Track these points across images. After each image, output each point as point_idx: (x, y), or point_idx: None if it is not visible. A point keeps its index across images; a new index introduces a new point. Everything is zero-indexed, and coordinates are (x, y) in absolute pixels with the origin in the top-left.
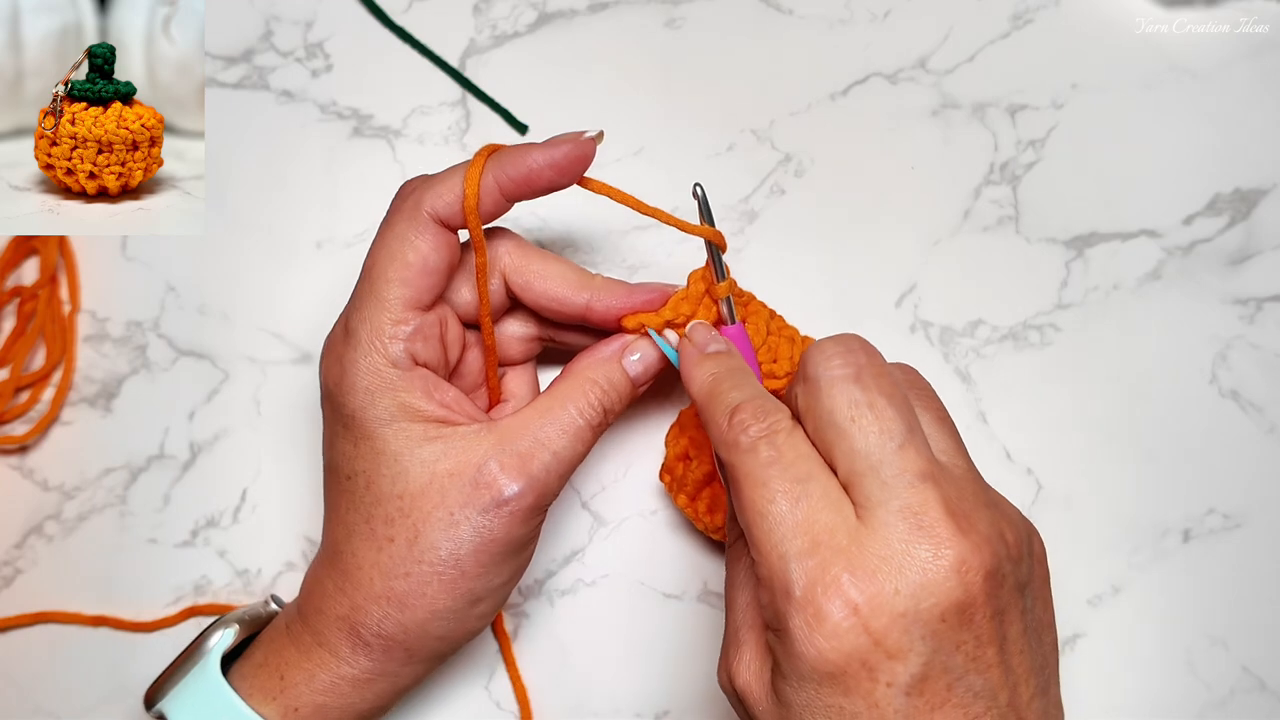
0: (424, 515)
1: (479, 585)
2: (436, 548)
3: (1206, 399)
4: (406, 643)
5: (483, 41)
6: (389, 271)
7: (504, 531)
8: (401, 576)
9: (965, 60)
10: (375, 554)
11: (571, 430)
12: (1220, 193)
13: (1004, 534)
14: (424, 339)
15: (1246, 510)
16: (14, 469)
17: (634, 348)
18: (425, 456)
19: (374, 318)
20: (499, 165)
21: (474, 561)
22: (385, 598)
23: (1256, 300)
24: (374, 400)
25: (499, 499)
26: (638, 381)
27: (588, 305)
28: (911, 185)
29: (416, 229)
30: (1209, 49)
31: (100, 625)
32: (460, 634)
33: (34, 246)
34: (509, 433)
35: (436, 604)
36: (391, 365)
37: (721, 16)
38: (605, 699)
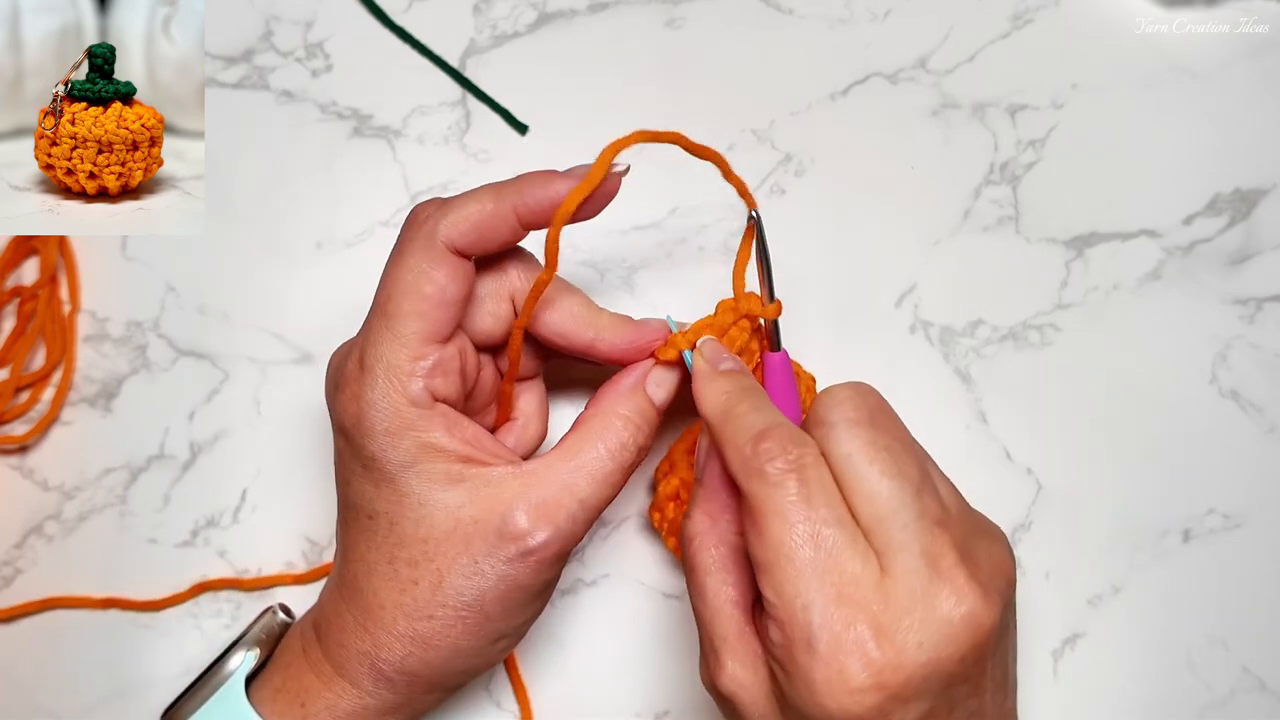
0: (448, 561)
1: (503, 626)
2: (461, 594)
3: (1207, 399)
4: (430, 677)
5: (483, 41)
6: (404, 305)
7: (529, 579)
8: (425, 619)
9: (965, 60)
10: (399, 595)
11: (600, 476)
12: (1220, 193)
13: (1004, 571)
14: (444, 374)
15: (1246, 510)
16: (14, 469)
17: (656, 376)
18: (450, 502)
19: (391, 355)
20: (519, 192)
21: (499, 607)
22: (409, 638)
23: (1256, 300)
24: (395, 443)
25: (524, 550)
26: (662, 408)
27: (592, 343)
28: (911, 185)
29: (431, 260)
30: (1209, 49)
31: (109, 608)
32: (482, 666)
33: (34, 246)
34: (535, 479)
35: (460, 644)
36: (411, 404)
37: (722, 16)
38: (605, 699)
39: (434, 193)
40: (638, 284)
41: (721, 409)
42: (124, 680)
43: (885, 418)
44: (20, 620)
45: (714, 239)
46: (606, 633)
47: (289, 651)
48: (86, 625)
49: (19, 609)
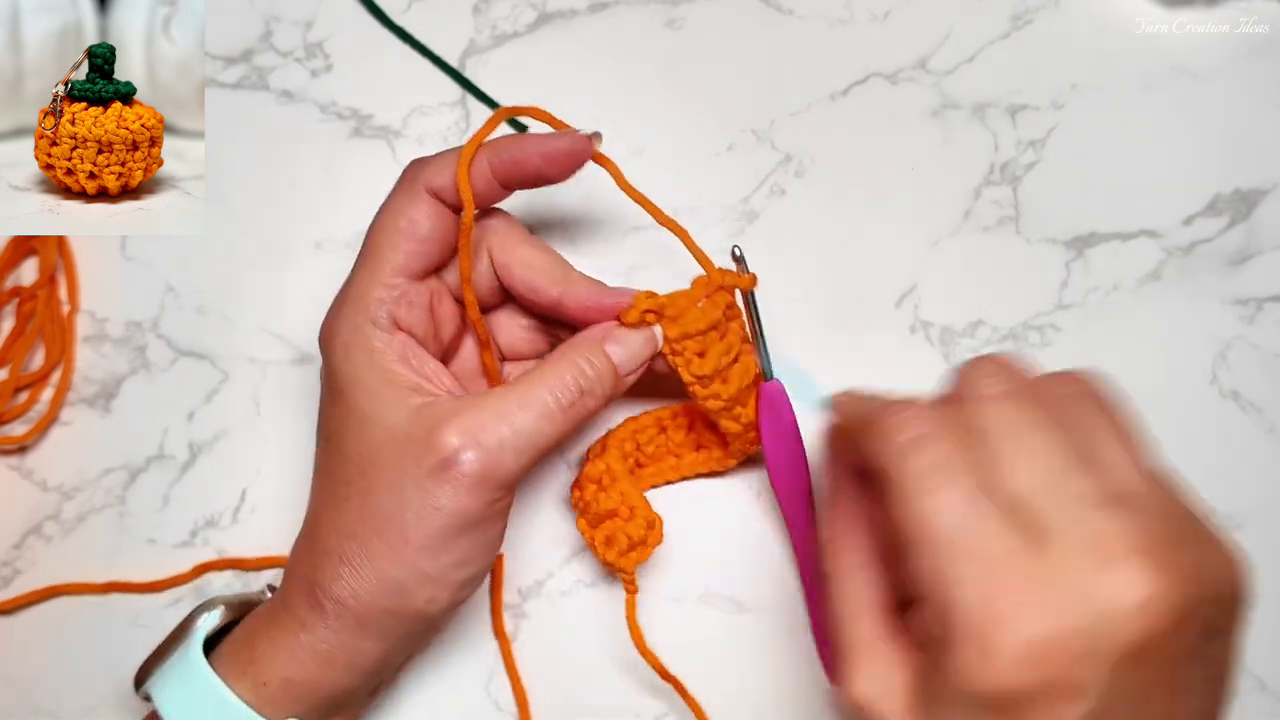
0: (377, 474)
1: (424, 559)
2: (383, 507)
3: (1207, 399)
4: (357, 610)
5: (482, 41)
6: (380, 239)
7: (449, 500)
8: (350, 536)
9: (965, 60)
10: (333, 511)
11: (538, 407)
12: (1220, 193)
13: (1204, 572)
14: (409, 305)
15: (1247, 511)
16: (13, 469)
17: (618, 335)
18: (389, 421)
19: (362, 282)
20: (495, 148)
21: (418, 529)
22: (337, 556)
23: (1257, 300)
24: (350, 356)
25: (444, 462)
26: (623, 369)
27: (559, 299)
28: (911, 185)
29: (411, 200)
30: (1209, 49)
31: (110, 592)
32: (408, 612)
33: (33, 247)
34: (473, 403)
35: (382, 570)
36: (372, 324)
37: (722, 16)
38: (605, 699)
39: None
40: (637, 284)
41: (844, 395)
42: (122, 679)
43: (1032, 390)
44: (19, 614)
45: (714, 239)
46: (606, 634)
47: (259, 608)
48: (86, 623)
49: (20, 599)
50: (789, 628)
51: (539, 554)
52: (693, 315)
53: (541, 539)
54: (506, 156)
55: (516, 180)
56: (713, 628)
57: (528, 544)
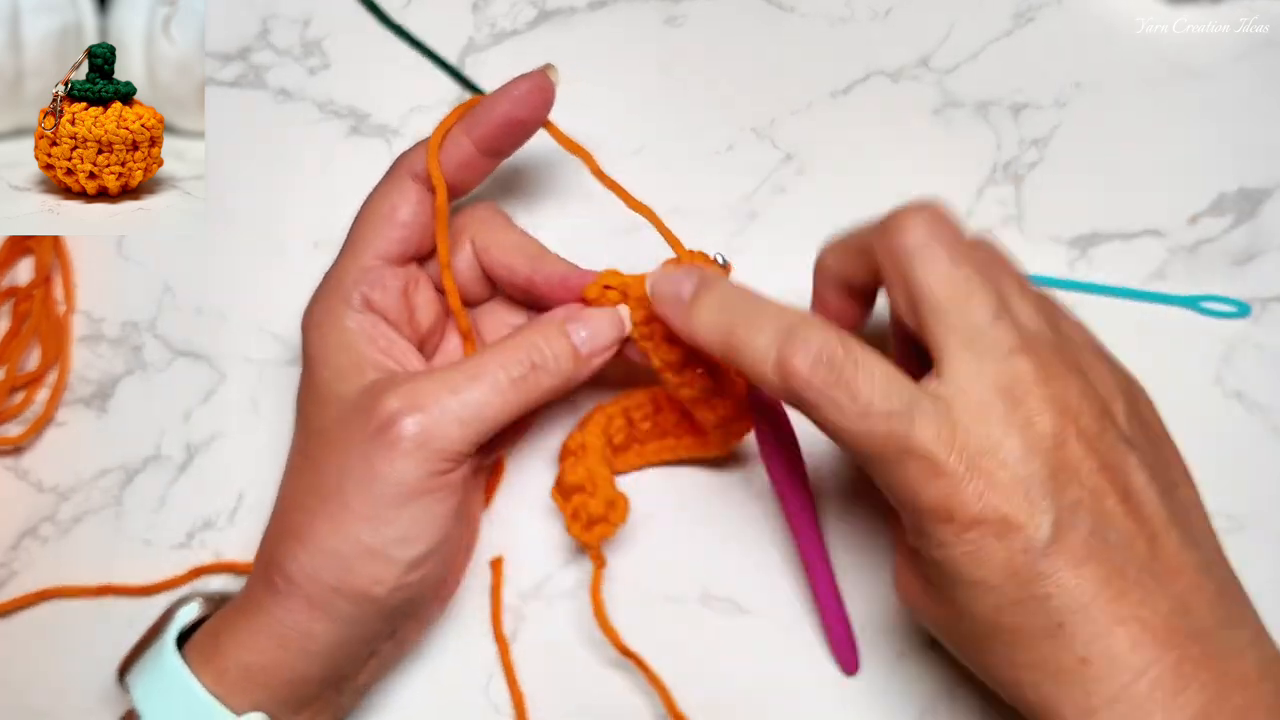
0: (328, 445)
1: (365, 530)
2: (326, 475)
3: (1211, 400)
4: (305, 586)
5: (481, 39)
6: (362, 224)
7: (387, 466)
8: (299, 508)
9: (967, 59)
10: (288, 486)
11: (486, 379)
12: (1225, 192)
13: (1097, 394)
14: (383, 288)
15: (1251, 512)
16: (8, 470)
17: (581, 316)
18: (345, 394)
19: (342, 264)
20: (469, 118)
21: (359, 496)
22: (288, 530)
23: (1261, 300)
24: (322, 336)
25: (382, 426)
26: (583, 348)
27: (530, 278)
28: (913, 184)
29: (393, 186)
30: (1213, 48)
31: (104, 595)
32: (352, 589)
33: (29, 246)
34: (423, 374)
35: (324, 542)
36: (345, 304)
37: (722, 14)
38: (605, 700)
39: None
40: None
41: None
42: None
43: (964, 245)
44: (14, 616)
45: (714, 239)
46: (605, 634)
47: (232, 598)
48: (81, 625)
49: (14, 602)
50: (788, 627)
51: (538, 556)
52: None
53: (541, 540)
54: (477, 119)
55: (495, 139)
56: (713, 628)
57: (527, 546)
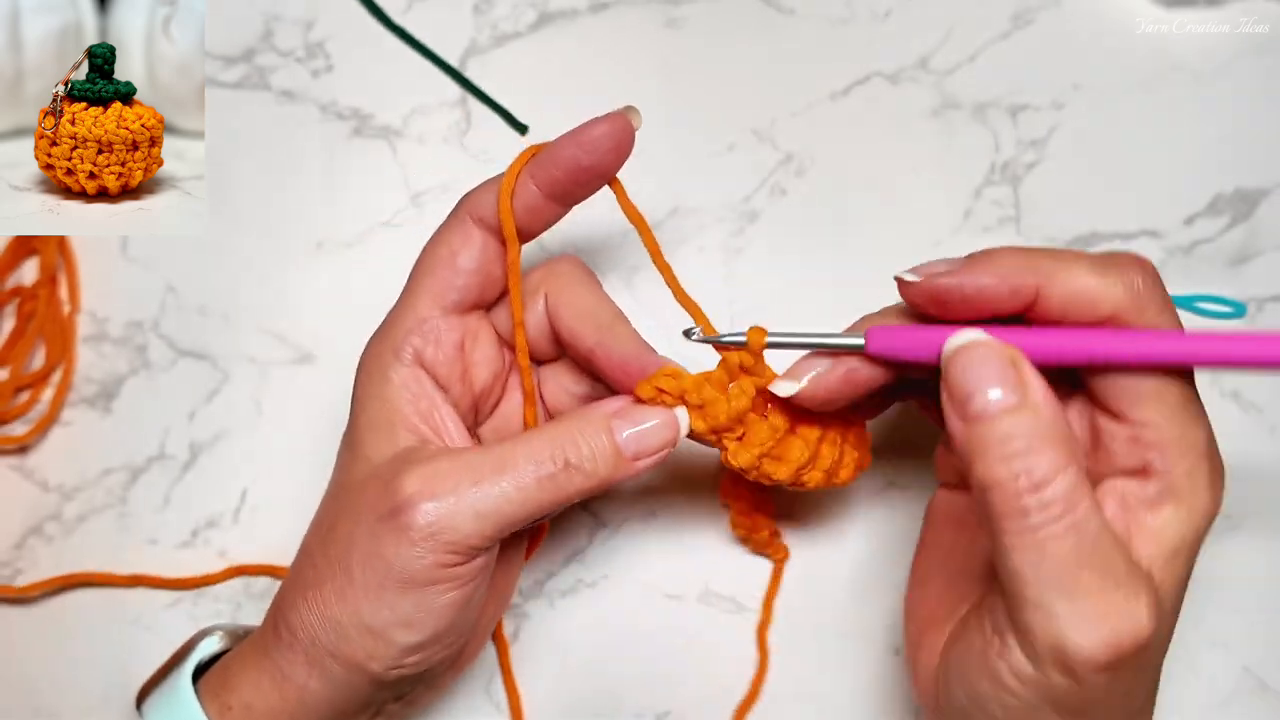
0: (346, 508)
1: (365, 608)
2: (336, 543)
3: (1208, 399)
4: (304, 642)
5: (483, 41)
6: (421, 266)
7: (393, 550)
8: (310, 566)
9: (966, 60)
10: (310, 537)
11: (511, 473)
12: (1221, 193)
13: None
14: (436, 342)
15: (1247, 511)
16: (14, 469)
17: (628, 414)
18: (373, 456)
19: (399, 308)
20: (535, 162)
21: (363, 572)
22: (297, 584)
23: (1258, 300)
24: (366, 383)
25: (395, 509)
26: (629, 451)
27: (593, 349)
28: (912, 185)
29: (454, 229)
30: (1210, 49)
31: (136, 585)
32: (348, 659)
33: (34, 247)
34: (450, 454)
35: (327, 606)
36: (392, 353)
37: (722, 16)
38: (606, 700)
39: (434, 193)
40: (638, 284)
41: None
42: (124, 680)
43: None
44: (23, 613)
45: (715, 239)
46: (607, 634)
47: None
48: (88, 623)
49: (41, 585)
50: (790, 628)
51: (540, 555)
52: (720, 406)
53: (543, 541)
54: (543, 162)
55: (563, 186)
56: (714, 628)
57: None
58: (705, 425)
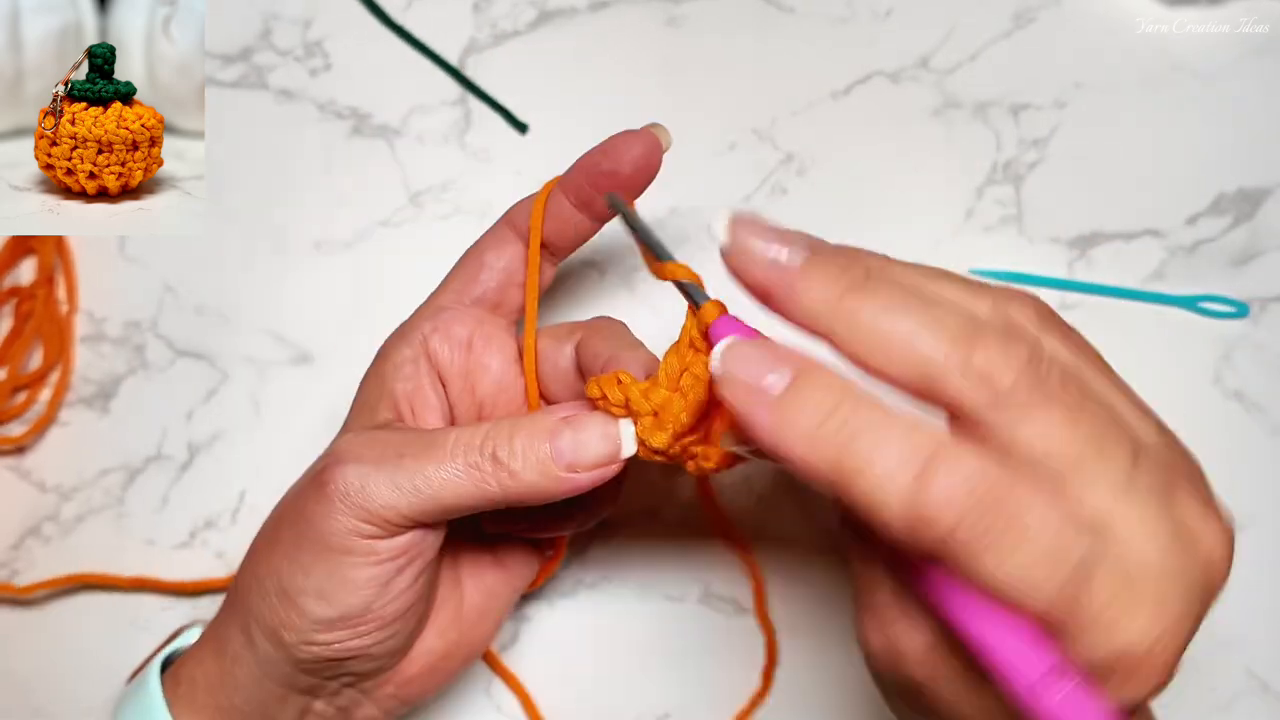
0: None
1: (285, 567)
2: (279, 505)
3: (1211, 400)
4: (241, 607)
5: (482, 40)
6: (455, 266)
7: (313, 506)
8: (260, 530)
9: (967, 59)
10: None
11: (438, 457)
12: (1224, 192)
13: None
14: (445, 333)
15: (1251, 512)
16: (11, 470)
17: (574, 421)
18: (351, 426)
19: (424, 303)
20: (568, 177)
21: (289, 529)
22: (247, 558)
23: (1261, 300)
24: (375, 362)
25: (322, 468)
26: (561, 461)
27: (606, 364)
28: (914, 185)
29: (490, 234)
30: (1212, 48)
31: (139, 589)
32: (266, 625)
33: (31, 246)
34: (391, 433)
35: (257, 565)
36: (403, 337)
37: (723, 15)
38: (606, 701)
39: (433, 193)
40: (638, 284)
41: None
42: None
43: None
44: (21, 615)
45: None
46: (607, 635)
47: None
48: (86, 625)
49: (45, 584)
50: (790, 629)
51: None
52: (675, 405)
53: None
54: (572, 170)
55: (588, 192)
56: (714, 630)
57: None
58: (667, 435)
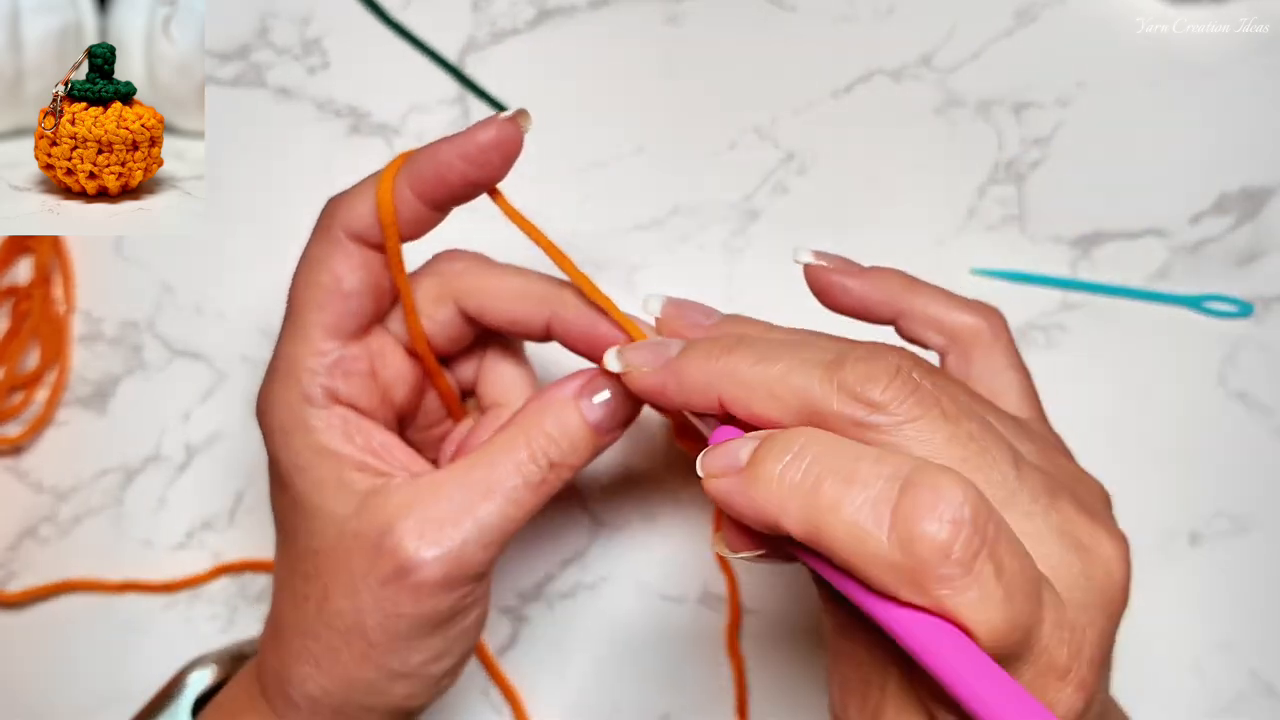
0: (332, 576)
1: (393, 661)
2: (342, 614)
3: (1214, 400)
4: (332, 705)
5: (481, 38)
6: (303, 297)
7: (411, 607)
8: (313, 638)
9: (970, 58)
10: (293, 610)
11: (502, 492)
12: (1227, 191)
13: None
14: (345, 375)
15: (1254, 513)
16: (7, 470)
17: (598, 384)
18: (337, 512)
19: (291, 349)
20: (412, 167)
21: (381, 635)
22: (303, 658)
23: (1264, 300)
24: (289, 441)
25: (400, 570)
26: (600, 429)
27: (548, 324)
28: (915, 184)
29: (330, 249)
30: (1215, 47)
31: (126, 591)
32: (387, 707)
33: (28, 246)
34: (428, 492)
35: (350, 673)
36: (305, 401)
37: (723, 13)
38: (606, 702)
39: None
40: (638, 284)
41: (790, 494)
42: (116, 684)
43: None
44: (14, 617)
45: (716, 238)
46: (606, 636)
47: (245, 672)
48: (80, 627)
49: (31, 592)
50: (788, 626)
51: (539, 558)
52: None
53: (541, 542)
54: (425, 170)
55: (444, 197)
56: (713, 630)
57: (527, 547)
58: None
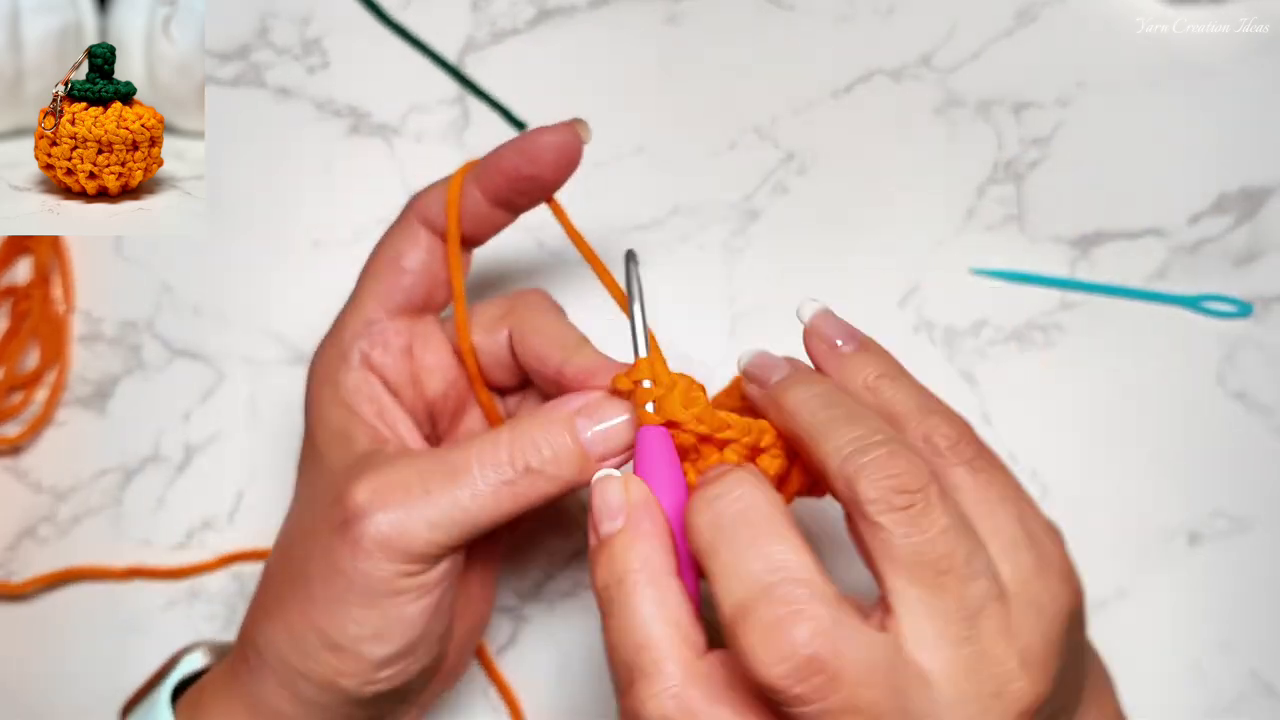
0: (301, 521)
1: (330, 625)
2: (295, 560)
3: (1213, 400)
4: (271, 663)
5: (481, 38)
6: (369, 270)
7: (349, 563)
8: (272, 585)
9: (969, 58)
10: (275, 554)
11: (467, 480)
12: (1226, 191)
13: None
14: (382, 344)
15: (1254, 513)
16: (7, 470)
17: (597, 408)
18: (336, 465)
19: (346, 313)
20: (480, 168)
21: (323, 588)
22: (260, 605)
23: (1263, 300)
24: (319, 391)
25: (346, 521)
26: (594, 453)
27: (560, 369)
28: (915, 183)
29: (402, 231)
30: (1214, 47)
31: (132, 578)
32: (319, 678)
33: (28, 246)
34: (401, 459)
35: (290, 625)
36: (341, 358)
37: (723, 13)
38: (605, 702)
39: None
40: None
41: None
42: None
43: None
44: (13, 613)
45: (716, 238)
46: None
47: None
48: (80, 624)
49: (38, 580)
50: None
51: (540, 557)
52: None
53: (541, 541)
54: (487, 163)
55: (507, 193)
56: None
57: (527, 547)
58: (691, 412)
